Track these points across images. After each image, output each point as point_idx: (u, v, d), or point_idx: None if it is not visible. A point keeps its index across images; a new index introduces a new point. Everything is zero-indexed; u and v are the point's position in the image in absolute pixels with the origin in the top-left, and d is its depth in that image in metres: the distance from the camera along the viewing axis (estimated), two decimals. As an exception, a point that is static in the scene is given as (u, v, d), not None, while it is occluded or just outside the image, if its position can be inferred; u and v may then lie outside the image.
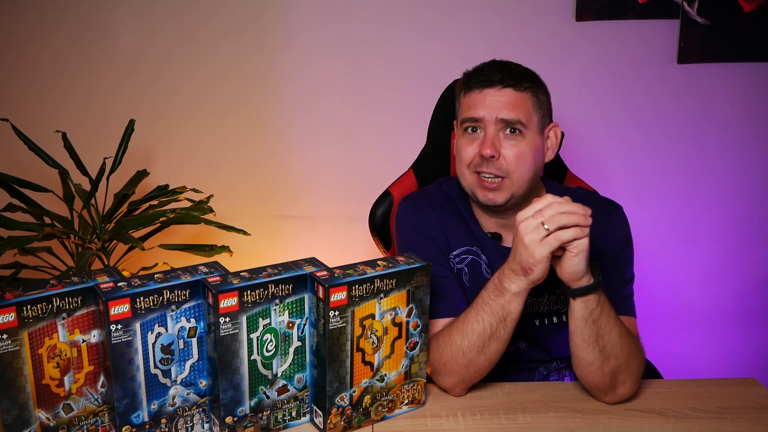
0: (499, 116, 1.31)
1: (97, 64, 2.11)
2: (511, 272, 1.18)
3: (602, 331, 1.19)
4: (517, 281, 1.18)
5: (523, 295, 1.19)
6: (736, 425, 1.20)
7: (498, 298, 1.20)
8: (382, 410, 1.22)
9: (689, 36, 2.09)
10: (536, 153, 1.34)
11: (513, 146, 1.32)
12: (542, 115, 1.36)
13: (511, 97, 1.31)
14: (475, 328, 1.22)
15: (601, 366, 1.21)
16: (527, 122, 1.32)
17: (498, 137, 1.32)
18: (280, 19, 2.10)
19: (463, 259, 1.41)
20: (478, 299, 1.23)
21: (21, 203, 1.85)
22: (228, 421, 1.12)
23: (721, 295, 2.33)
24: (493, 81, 1.32)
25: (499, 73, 1.33)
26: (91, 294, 1.06)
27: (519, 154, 1.31)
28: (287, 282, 1.11)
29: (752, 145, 2.22)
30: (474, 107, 1.33)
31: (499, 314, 1.20)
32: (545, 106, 1.37)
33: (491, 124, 1.32)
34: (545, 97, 1.37)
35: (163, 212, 1.85)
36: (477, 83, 1.34)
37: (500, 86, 1.32)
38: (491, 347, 1.22)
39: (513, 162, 1.31)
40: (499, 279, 1.20)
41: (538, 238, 1.12)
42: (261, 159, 2.20)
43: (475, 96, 1.34)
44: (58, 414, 1.08)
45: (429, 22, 2.10)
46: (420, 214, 1.42)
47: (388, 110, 2.16)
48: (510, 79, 1.32)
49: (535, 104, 1.34)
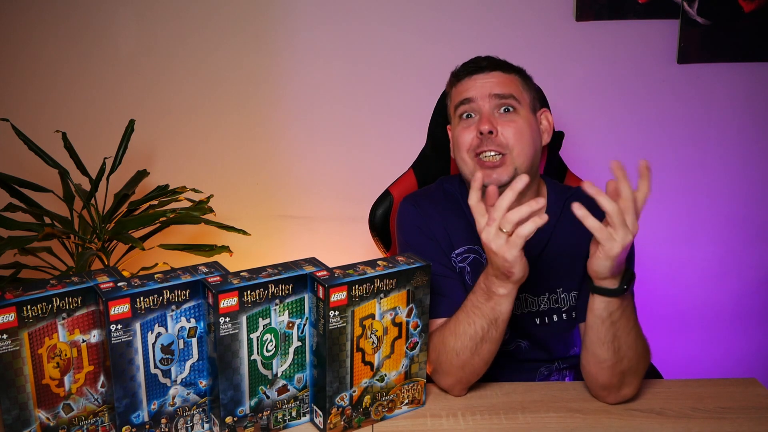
0: (492, 92, 1.35)
1: (97, 64, 2.12)
2: (494, 277, 1.18)
3: (620, 332, 1.18)
4: (502, 284, 1.18)
5: (511, 296, 1.19)
6: (736, 425, 1.20)
7: (487, 301, 1.20)
8: (382, 410, 1.22)
9: (689, 36, 2.09)
10: (533, 131, 1.36)
11: (509, 122, 1.34)
12: (533, 97, 1.39)
13: (500, 78, 1.37)
14: (467, 331, 1.22)
15: (612, 366, 1.20)
16: (520, 98, 1.36)
17: (493, 116, 1.34)
18: (280, 19, 2.10)
19: (465, 258, 1.40)
20: (467, 302, 1.23)
21: (21, 203, 1.85)
22: (228, 421, 1.12)
23: (721, 295, 2.33)
24: (482, 67, 1.38)
25: (486, 60, 1.39)
26: (91, 294, 1.06)
27: (517, 129, 1.33)
28: (287, 282, 1.11)
29: (752, 145, 2.22)
30: (465, 90, 1.38)
31: (489, 316, 1.20)
32: (533, 92, 1.41)
33: (485, 102, 1.35)
34: (533, 85, 1.42)
35: (163, 212, 1.85)
36: (466, 71, 1.39)
37: (489, 70, 1.37)
38: (484, 348, 1.22)
39: (512, 137, 1.33)
40: (485, 284, 1.20)
41: (501, 241, 1.12)
42: (261, 159, 2.20)
43: (465, 82, 1.38)
44: (58, 414, 1.08)
45: (429, 22, 2.10)
46: (422, 213, 1.42)
47: (388, 110, 2.16)
48: (497, 64, 1.38)
49: (524, 85, 1.39)
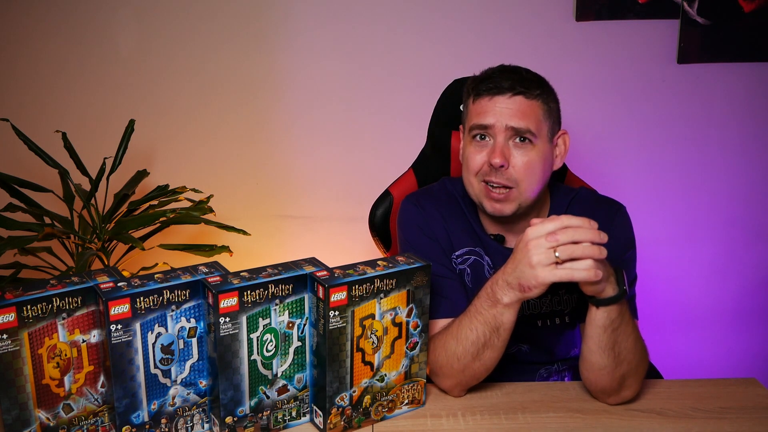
0: (509, 124, 1.28)
1: (97, 64, 2.12)
2: (505, 284, 1.15)
3: (620, 338, 1.17)
4: (510, 293, 1.15)
5: (515, 306, 1.17)
6: (736, 425, 1.20)
7: (490, 308, 1.18)
8: (382, 410, 1.22)
9: (689, 36, 2.09)
10: (545, 162, 1.32)
11: (522, 155, 1.29)
12: (552, 123, 1.33)
13: (521, 105, 1.28)
14: (468, 336, 1.20)
15: (612, 371, 1.19)
16: (537, 131, 1.29)
17: (507, 146, 1.29)
18: (280, 19, 2.10)
19: (465, 260, 1.40)
20: (471, 307, 1.21)
21: (21, 203, 1.85)
22: (228, 421, 1.12)
23: (721, 295, 2.33)
24: (503, 88, 1.29)
25: (510, 80, 1.29)
26: (91, 294, 1.06)
27: (528, 163, 1.29)
28: (287, 282, 1.11)
29: (752, 145, 2.22)
30: (483, 114, 1.30)
31: (491, 324, 1.18)
32: (555, 113, 1.34)
33: (501, 133, 1.29)
34: (555, 104, 1.34)
35: (163, 212, 1.85)
36: (486, 90, 1.30)
37: (510, 93, 1.28)
38: (486, 354, 1.21)
39: (522, 171, 1.29)
40: (491, 289, 1.17)
41: (547, 262, 1.08)
42: (261, 159, 2.20)
43: (484, 103, 1.30)
44: (58, 414, 1.08)
45: (429, 22, 2.10)
46: (423, 212, 1.40)
47: (388, 110, 2.16)
48: (520, 87, 1.29)
49: (546, 112, 1.31)
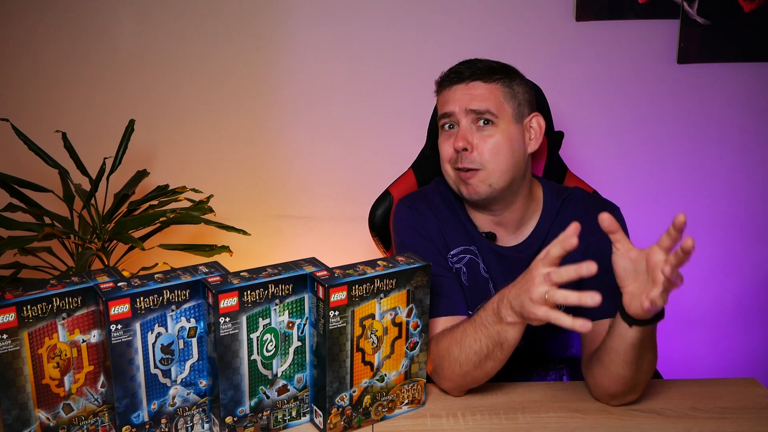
0: (468, 107, 1.33)
1: (97, 64, 2.11)
2: (509, 306, 1.14)
3: (646, 352, 1.17)
4: (513, 316, 1.14)
5: (518, 327, 1.16)
6: (736, 425, 1.20)
7: (495, 324, 1.17)
8: (382, 410, 1.22)
9: (689, 36, 2.09)
10: (513, 143, 1.34)
11: (486, 137, 1.33)
12: (517, 104, 1.36)
13: (479, 89, 1.34)
14: (472, 346, 1.20)
15: (630, 380, 1.19)
16: (498, 112, 1.33)
17: (470, 130, 1.34)
18: (280, 19, 2.10)
19: (460, 259, 1.41)
20: (477, 318, 1.21)
21: (21, 203, 1.84)
22: (228, 421, 1.13)
23: (721, 295, 2.33)
24: (463, 77, 1.35)
25: (468, 69, 1.36)
26: (91, 294, 1.06)
27: (493, 144, 1.32)
28: (287, 282, 1.11)
29: (752, 145, 2.22)
30: (446, 103, 1.37)
31: (495, 339, 1.18)
32: (521, 96, 1.37)
33: (462, 117, 1.34)
34: (521, 87, 1.37)
35: (163, 212, 1.84)
36: (447, 81, 1.38)
37: (468, 81, 1.35)
38: (488, 365, 1.21)
39: (487, 153, 1.32)
40: (498, 306, 1.16)
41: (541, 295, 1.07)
42: (261, 159, 2.20)
43: (446, 93, 1.37)
44: (58, 414, 1.08)
45: (429, 22, 2.10)
46: (417, 215, 1.42)
47: (388, 110, 2.16)
48: (478, 73, 1.35)
49: (507, 94, 1.35)
